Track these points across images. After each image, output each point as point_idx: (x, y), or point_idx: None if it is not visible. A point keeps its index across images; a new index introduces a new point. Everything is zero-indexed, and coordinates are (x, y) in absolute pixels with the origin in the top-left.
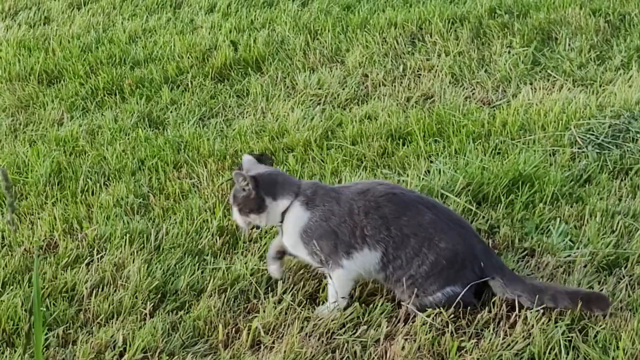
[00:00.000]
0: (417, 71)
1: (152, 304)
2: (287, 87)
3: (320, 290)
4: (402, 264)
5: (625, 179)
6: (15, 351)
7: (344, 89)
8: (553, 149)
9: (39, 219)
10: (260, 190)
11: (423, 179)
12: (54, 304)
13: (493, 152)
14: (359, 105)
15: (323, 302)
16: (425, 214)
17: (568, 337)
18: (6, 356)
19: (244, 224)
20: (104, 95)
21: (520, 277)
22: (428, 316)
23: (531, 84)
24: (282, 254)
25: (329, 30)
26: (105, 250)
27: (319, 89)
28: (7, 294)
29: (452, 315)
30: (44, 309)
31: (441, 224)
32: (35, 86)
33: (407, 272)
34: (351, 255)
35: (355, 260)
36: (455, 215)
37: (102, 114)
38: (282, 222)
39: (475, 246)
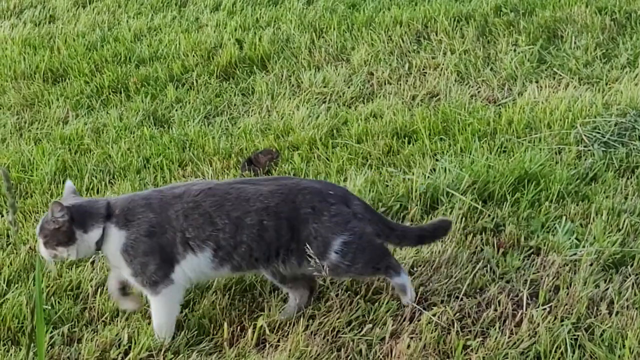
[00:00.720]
0: (423, 69)
1: None
2: (293, 85)
3: (325, 289)
4: (252, 246)
5: (631, 177)
6: (20, 349)
7: (349, 87)
8: (559, 147)
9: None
10: (72, 223)
11: (428, 177)
12: (59, 302)
13: (499, 150)
14: (364, 103)
15: (327, 301)
16: (247, 189)
17: (574, 335)
18: (11, 354)
19: (49, 257)
20: (109, 94)
21: (377, 213)
22: (434, 315)
23: (537, 82)
24: (125, 285)
25: (334, 29)
26: None
27: (325, 87)
28: (12, 292)
29: (458, 314)
30: (49, 307)
31: (267, 188)
32: (41, 84)
33: (270, 247)
34: (177, 266)
35: (181, 270)
36: (277, 179)
37: (107, 112)
38: (99, 250)
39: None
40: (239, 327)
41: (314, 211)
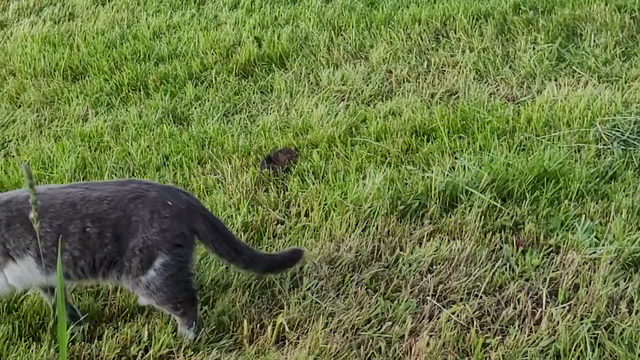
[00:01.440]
0: (442, 67)
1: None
2: (311, 83)
3: (345, 286)
4: (76, 254)
5: None
6: (41, 346)
7: (368, 85)
8: (578, 146)
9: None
10: None
11: (447, 175)
12: (79, 299)
13: (518, 148)
14: (383, 101)
15: (346, 297)
16: (75, 195)
17: (594, 334)
18: (32, 350)
19: None
20: (129, 91)
21: (226, 234)
22: (453, 313)
23: (556, 80)
24: None
25: (352, 27)
26: None
27: (343, 85)
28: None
29: (477, 312)
30: (70, 304)
31: (96, 194)
32: (60, 82)
33: (92, 256)
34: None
35: (3, 277)
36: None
37: (126, 110)
38: None
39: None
40: (258, 325)
41: (144, 221)
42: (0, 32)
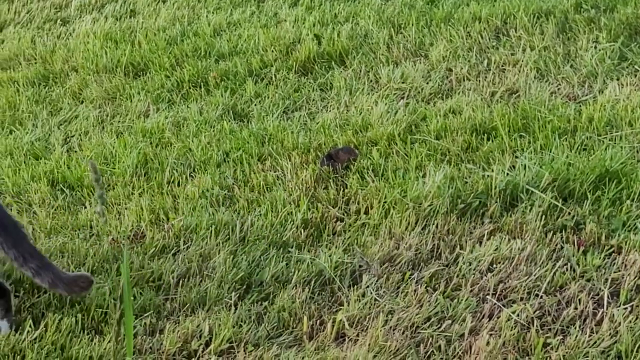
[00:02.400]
0: (502, 66)
1: (238, 295)
2: (371, 81)
3: (404, 284)
4: None
5: None
6: (103, 339)
7: (427, 83)
8: None
9: (126, 209)
10: None
11: (508, 174)
12: (140, 293)
13: (579, 148)
14: (442, 99)
15: (406, 295)
16: None
17: None
18: (95, 343)
19: None
20: (189, 88)
21: (20, 238)
22: (513, 312)
23: (618, 79)
24: None
25: (412, 24)
26: (191, 241)
27: (403, 83)
28: (96, 282)
29: (538, 312)
30: (132, 298)
31: None
32: (122, 78)
33: None
34: None
35: None
36: None
37: (187, 106)
38: None
39: None
40: (318, 321)
41: None
42: (63, 29)
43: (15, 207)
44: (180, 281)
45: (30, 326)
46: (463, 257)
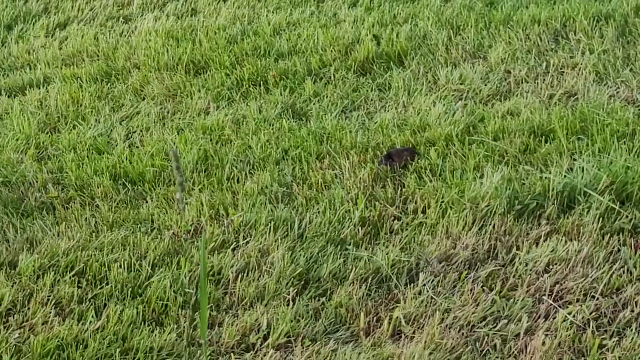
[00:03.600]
0: (560, 68)
1: (296, 290)
2: (429, 81)
3: (461, 283)
4: None
5: None
6: (164, 330)
7: (486, 85)
8: None
9: (186, 204)
10: None
11: (565, 176)
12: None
13: (637, 151)
14: (501, 101)
15: (462, 294)
16: None
17: None
18: (155, 335)
19: None
20: (249, 86)
21: None
22: (569, 313)
23: None
24: None
25: (471, 26)
26: (250, 237)
27: (461, 84)
28: (157, 275)
29: (594, 313)
30: (191, 291)
31: None
32: (183, 76)
33: None
34: None
35: None
36: None
37: (247, 105)
38: None
39: None
40: (375, 318)
41: None
42: (125, 26)
43: (79, 200)
44: (239, 276)
45: (92, 317)
46: (519, 258)
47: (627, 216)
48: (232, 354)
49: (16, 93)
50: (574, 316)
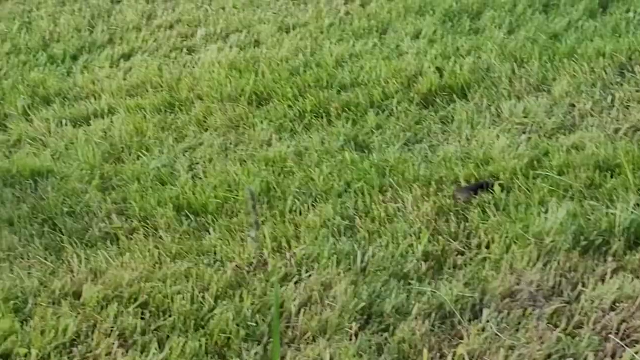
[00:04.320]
0: (626, 102)
1: (358, 325)
2: (493, 114)
3: (525, 320)
4: None
5: None
6: None
7: (550, 119)
8: None
9: (249, 236)
10: None
11: (632, 212)
12: (263, 320)
13: None
14: (565, 135)
15: (527, 331)
16: None
17: None
18: None
19: None
20: (311, 118)
21: None
22: (637, 353)
23: None
24: None
25: (535, 59)
26: (313, 270)
27: (525, 117)
28: (220, 308)
29: None
30: (254, 324)
31: None
32: (246, 107)
33: None
34: None
35: None
36: None
37: (309, 136)
38: None
39: None
40: (438, 354)
41: None
42: (189, 57)
43: (142, 231)
44: (302, 309)
45: (155, 349)
46: (585, 295)
47: None
48: None
49: (81, 123)
50: None
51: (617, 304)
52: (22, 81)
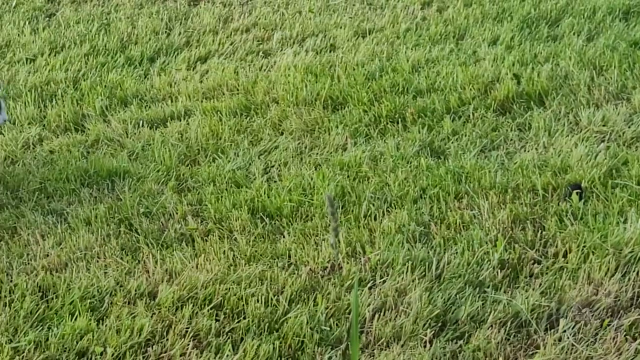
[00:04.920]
0: None
1: (433, 332)
2: (570, 122)
3: (603, 331)
4: None
5: None
6: None
7: (629, 127)
8: None
9: (323, 240)
10: None
11: None
12: (336, 324)
13: None
14: None
15: (604, 342)
16: None
17: None
18: None
19: None
20: (387, 123)
21: None
22: None
23: None
24: None
25: (614, 67)
26: (387, 276)
27: (604, 126)
28: (294, 311)
29: None
30: (328, 329)
31: None
32: (321, 111)
33: None
34: None
35: None
36: None
37: (384, 141)
38: None
39: None
40: None
41: None
42: (265, 61)
43: (217, 233)
44: (376, 315)
45: (229, 350)
46: None
47: None
48: None
49: (158, 125)
50: None
51: None
52: (100, 82)
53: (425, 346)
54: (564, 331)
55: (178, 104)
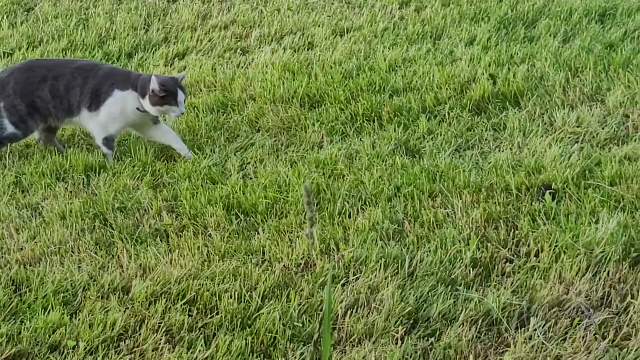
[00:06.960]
0: None
1: (405, 329)
2: (545, 123)
3: (573, 330)
4: None
5: None
6: None
7: (603, 129)
8: None
9: (297, 237)
10: None
11: None
12: (309, 321)
13: None
14: (618, 146)
15: (574, 341)
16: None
17: None
18: None
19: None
20: (363, 122)
21: None
22: None
23: None
24: None
25: (590, 69)
26: (361, 273)
27: (578, 127)
28: (267, 307)
29: None
30: (300, 325)
31: None
32: (298, 109)
33: None
34: None
35: None
36: None
37: (360, 140)
38: None
39: None
40: None
41: None
42: (243, 58)
43: (192, 229)
44: (349, 312)
45: (202, 346)
46: (634, 307)
47: None
48: None
49: None
50: None
51: None
52: None
53: (397, 343)
54: (535, 330)
55: None
